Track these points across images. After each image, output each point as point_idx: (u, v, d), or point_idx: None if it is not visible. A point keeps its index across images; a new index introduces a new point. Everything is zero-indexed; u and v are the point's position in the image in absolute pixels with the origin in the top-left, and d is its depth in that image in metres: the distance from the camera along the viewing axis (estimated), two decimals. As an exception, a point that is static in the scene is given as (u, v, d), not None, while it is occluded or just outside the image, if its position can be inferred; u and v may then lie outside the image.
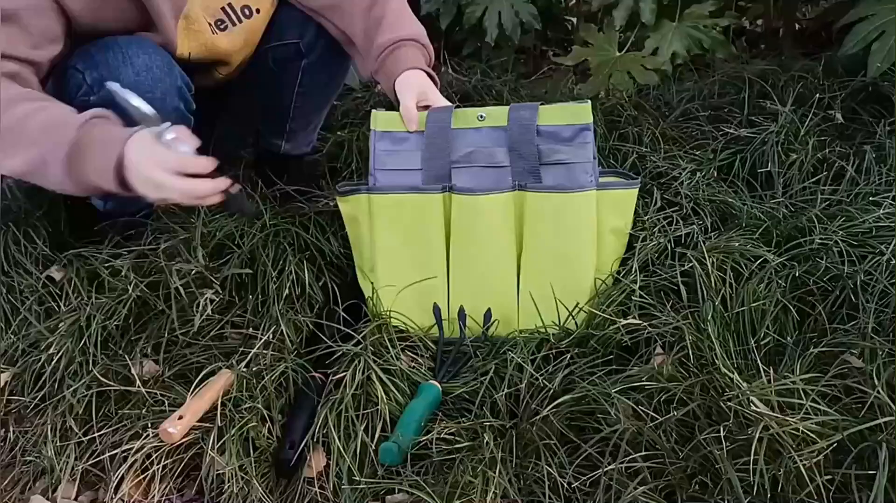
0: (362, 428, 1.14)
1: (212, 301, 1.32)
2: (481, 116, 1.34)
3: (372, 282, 1.34)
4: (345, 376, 1.19)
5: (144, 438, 1.18)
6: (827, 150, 1.62)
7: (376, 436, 1.14)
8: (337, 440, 1.13)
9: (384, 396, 1.17)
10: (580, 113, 1.32)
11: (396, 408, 1.17)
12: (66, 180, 1.18)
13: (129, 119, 1.20)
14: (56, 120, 1.19)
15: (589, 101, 1.33)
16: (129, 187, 1.16)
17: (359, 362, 1.20)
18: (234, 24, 1.47)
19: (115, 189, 1.16)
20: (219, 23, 1.45)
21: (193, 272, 1.35)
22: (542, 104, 1.34)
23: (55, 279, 1.43)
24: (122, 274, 1.38)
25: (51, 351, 1.28)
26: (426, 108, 1.36)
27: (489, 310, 1.32)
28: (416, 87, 1.36)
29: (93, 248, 1.46)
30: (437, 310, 1.33)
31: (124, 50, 1.30)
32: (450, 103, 1.37)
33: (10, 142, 1.19)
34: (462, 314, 1.32)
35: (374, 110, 1.38)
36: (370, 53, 1.41)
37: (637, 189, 1.35)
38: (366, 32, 1.42)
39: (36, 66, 1.26)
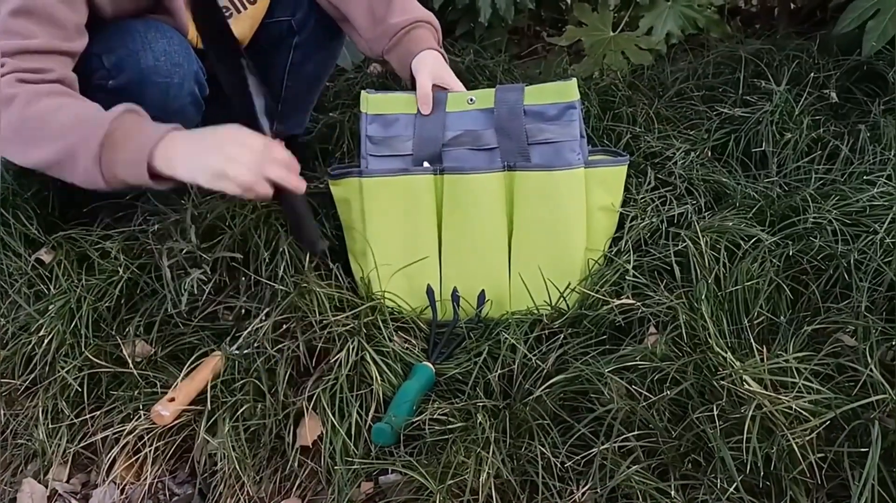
0: (356, 408, 1.14)
1: (202, 281, 1.31)
2: (471, 100, 1.34)
3: (362, 266, 1.34)
4: (339, 357, 1.18)
5: (136, 420, 1.18)
6: (821, 130, 1.61)
7: (370, 416, 1.14)
8: (331, 419, 1.13)
9: (378, 377, 1.17)
10: (566, 91, 1.32)
11: (389, 389, 1.17)
12: (95, 174, 1.15)
13: None
14: (87, 113, 1.18)
15: (574, 79, 1.33)
16: (163, 180, 1.13)
17: (352, 343, 1.19)
18: (238, 12, 1.46)
19: (145, 183, 1.14)
20: (224, 10, 1.44)
21: (184, 252, 1.34)
22: (527, 84, 1.34)
23: (44, 261, 1.42)
24: (112, 255, 1.37)
25: (41, 333, 1.27)
26: (442, 89, 1.36)
27: (483, 291, 1.32)
28: (432, 69, 1.37)
29: (82, 230, 1.45)
30: (430, 291, 1.32)
31: (143, 34, 1.29)
32: (463, 88, 1.37)
33: (36, 133, 1.18)
34: (455, 296, 1.32)
35: (364, 92, 1.37)
36: (381, 33, 1.41)
37: (626, 166, 1.35)
38: (372, 12, 1.42)
39: (72, 58, 1.24)
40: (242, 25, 1.48)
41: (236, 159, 1.11)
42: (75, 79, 1.24)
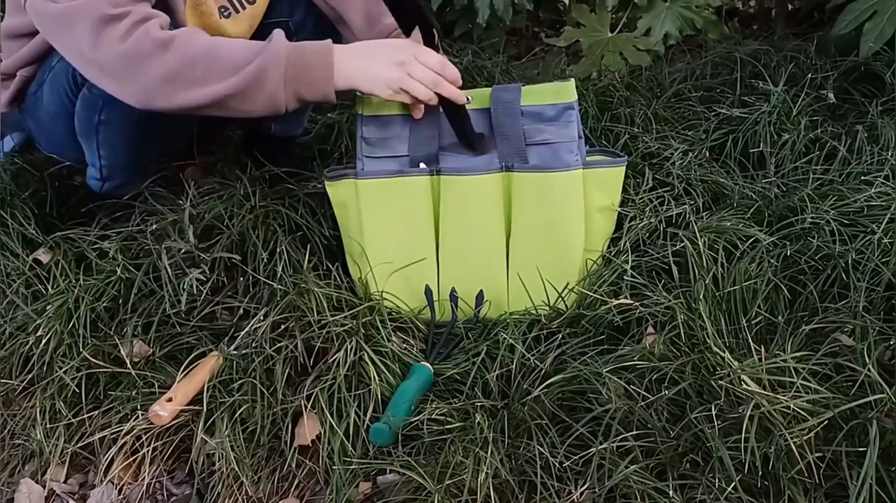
0: (353, 408, 1.14)
1: (200, 282, 1.31)
2: (468, 99, 1.33)
3: (360, 267, 1.34)
4: (336, 357, 1.18)
5: (134, 420, 1.18)
6: (819, 130, 1.61)
7: (368, 416, 1.14)
8: (329, 419, 1.13)
9: (376, 377, 1.16)
10: (564, 92, 1.32)
11: (388, 389, 1.17)
12: (279, 97, 1.20)
13: None
14: (253, 44, 1.22)
15: (572, 80, 1.32)
16: (340, 94, 1.23)
17: (350, 343, 1.19)
18: (237, 11, 1.46)
19: (328, 99, 1.23)
20: (222, 9, 1.44)
21: (182, 252, 1.34)
22: (524, 84, 1.34)
23: (42, 262, 1.42)
24: (110, 256, 1.37)
25: (39, 333, 1.27)
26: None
27: (481, 291, 1.32)
28: None
29: (80, 230, 1.44)
30: (428, 292, 1.32)
31: None
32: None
33: (208, 70, 1.19)
34: (454, 296, 1.32)
35: (359, 93, 1.36)
36: (376, 34, 1.41)
37: (624, 167, 1.35)
38: (368, 13, 1.42)
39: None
40: (241, 25, 1.48)
41: (416, 75, 1.22)
42: None
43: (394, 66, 1.22)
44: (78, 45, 1.20)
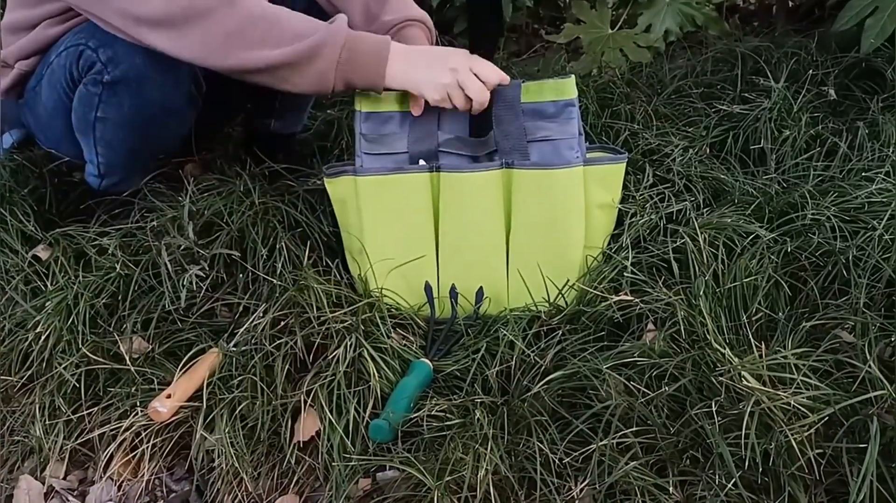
0: (353, 405, 1.14)
1: (200, 278, 1.31)
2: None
3: (359, 264, 1.33)
4: (336, 353, 1.18)
5: (133, 417, 1.18)
6: (820, 127, 1.61)
7: (367, 413, 1.14)
8: (329, 416, 1.12)
9: (375, 374, 1.16)
10: (564, 88, 1.31)
11: (387, 386, 1.17)
12: (328, 78, 1.22)
13: None
14: (314, 21, 1.23)
15: (573, 76, 1.32)
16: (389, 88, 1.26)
17: (350, 339, 1.19)
18: None
19: (376, 88, 1.26)
20: None
21: (182, 248, 1.34)
22: (524, 81, 1.33)
23: (41, 258, 1.42)
24: (110, 252, 1.37)
25: (38, 330, 1.27)
26: None
27: (481, 288, 1.32)
28: None
29: (79, 227, 1.44)
30: (428, 288, 1.32)
31: None
32: None
33: (267, 34, 1.20)
34: (454, 292, 1.32)
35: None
36: (374, 30, 1.41)
37: (624, 164, 1.34)
38: (367, 9, 1.42)
39: None
40: None
41: (467, 86, 1.23)
42: None
43: (446, 72, 1.23)
44: (120, 4, 1.20)
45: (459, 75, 1.23)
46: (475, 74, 1.24)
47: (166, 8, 1.18)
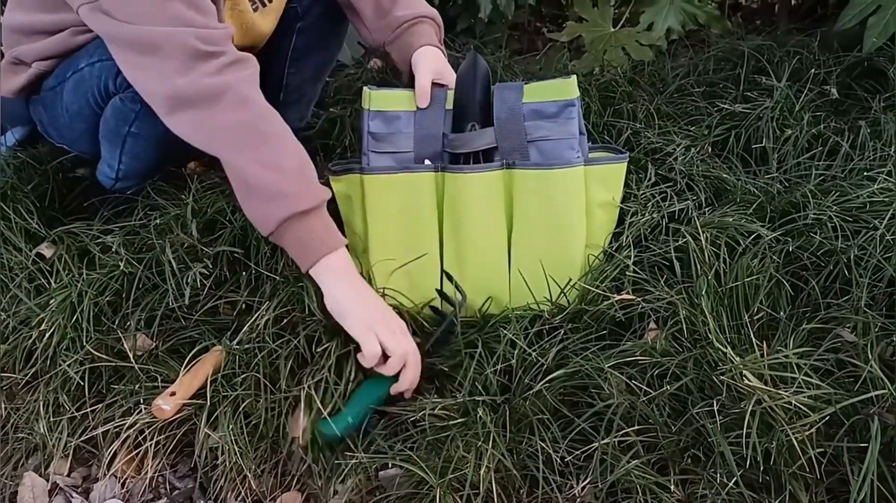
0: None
1: (203, 276, 1.31)
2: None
3: (363, 262, 1.34)
4: (339, 351, 1.19)
5: (137, 414, 1.18)
6: (822, 126, 1.61)
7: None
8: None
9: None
10: (565, 89, 1.32)
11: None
12: (265, 223, 1.18)
13: None
14: (302, 168, 1.20)
15: (574, 77, 1.32)
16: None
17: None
18: (263, 6, 1.46)
19: (298, 262, 1.20)
20: (252, 4, 1.44)
21: (185, 246, 1.34)
22: (525, 81, 1.34)
23: (45, 256, 1.42)
24: (113, 250, 1.37)
25: (42, 327, 1.27)
26: (440, 85, 1.37)
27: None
28: (433, 64, 1.37)
29: (83, 225, 1.45)
30: (450, 277, 1.31)
31: None
32: None
33: (252, 146, 1.17)
34: (459, 289, 1.32)
35: (365, 88, 1.37)
36: (385, 25, 1.42)
37: (625, 163, 1.35)
38: (379, 3, 1.43)
39: None
40: (268, 19, 1.49)
41: (392, 344, 1.15)
42: None
43: (377, 317, 1.17)
44: (161, 69, 1.17)
45: (380, 331, 1.15)
46: (390, 346, 1.15)
47: (190, 86, 1.16)
